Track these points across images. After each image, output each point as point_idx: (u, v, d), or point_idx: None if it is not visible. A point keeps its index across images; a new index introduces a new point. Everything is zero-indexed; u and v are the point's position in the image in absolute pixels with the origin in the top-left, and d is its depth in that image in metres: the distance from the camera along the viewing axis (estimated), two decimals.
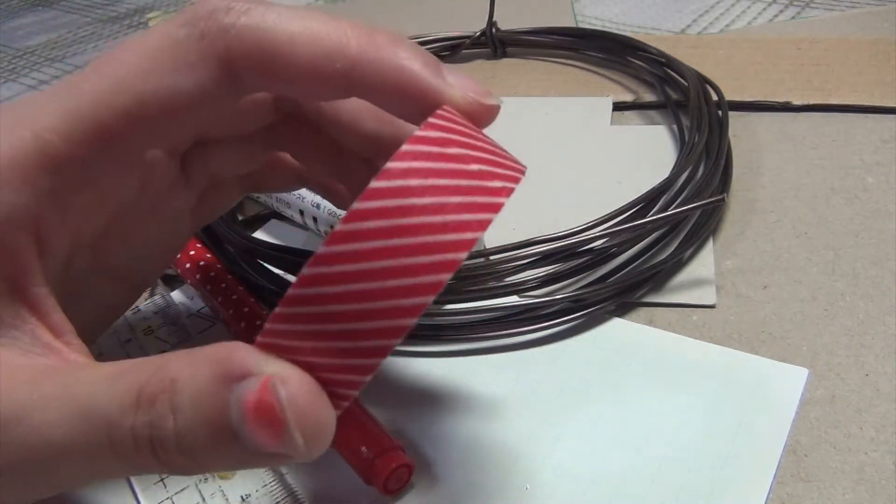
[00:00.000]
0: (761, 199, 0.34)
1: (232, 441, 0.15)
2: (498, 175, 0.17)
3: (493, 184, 0.16)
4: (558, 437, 0.24)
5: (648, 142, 0.39)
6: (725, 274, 0.30)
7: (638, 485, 0.22)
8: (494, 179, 0.16)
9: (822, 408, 0.24)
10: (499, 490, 0.23)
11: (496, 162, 0.17)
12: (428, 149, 0.16)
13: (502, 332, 0.28)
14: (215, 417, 0.15)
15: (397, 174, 0.15)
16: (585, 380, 0.26)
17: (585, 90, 0.44)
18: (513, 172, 0.17)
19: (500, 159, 0.17)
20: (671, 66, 0.41)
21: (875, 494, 0.21)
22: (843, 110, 0.39)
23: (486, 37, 0.48)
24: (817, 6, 0.52)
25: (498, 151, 0.18)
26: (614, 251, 0.29)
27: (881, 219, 0.32)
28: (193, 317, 0.30)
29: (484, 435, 0.24)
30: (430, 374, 0.27)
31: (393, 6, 0.63)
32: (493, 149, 0.18)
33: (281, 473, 0.23)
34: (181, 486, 0.23)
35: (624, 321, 0.28)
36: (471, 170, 0.16)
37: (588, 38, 0.47)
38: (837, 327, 0.27)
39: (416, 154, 0.16)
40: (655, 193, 0.30)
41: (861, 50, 0.44)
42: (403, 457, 0.22)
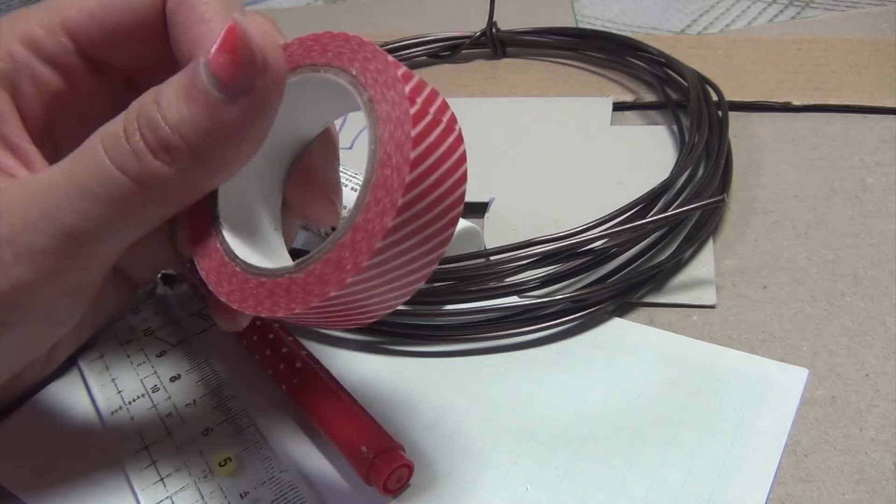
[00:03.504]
0: (761, 199, 0.34)
1: (204, 102, 0.17)
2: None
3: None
4: (559, 438, 0.24)
5: (648, 142, 0.39)
6: (725, 274, 0.30)
7: (638, 485, 0.22)
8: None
9: (822, 408, 0.24)
10: (499, 490, 0.23)
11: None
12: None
13: (502, 332, 0.28)
14: (189, 81, 0.17)
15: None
16: (585, 380, 0.26)
17: (585, 90, 0.44)
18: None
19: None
20: (671, 66, 0.41)
21: (875, 494, 0.21)
22: (843, 110, 0.39)
23: (486, 37, 0.48)
24: (817, 6, 0.52)
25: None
26: (614, 251, 0.29)
27: (881, 219, 0.32)
28: (193, 317, 0.30)
29: (484, 435, 0.24)
30: (430, 374, 0.27)
31: (393, 6, 0.63)
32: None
33: (280, 472, 0.23)
34: (180, 485, 0.23)
35: (624, 321, 0.28)
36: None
37: (588, 38, 0.47)
38: (837, 327, 0.27)
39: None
40: (655, 194, 0.30)
41: (861, 50, 0.44)
42: (403, 457, 0.22)
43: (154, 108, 0.18)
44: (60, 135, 0.23)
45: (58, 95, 0.22)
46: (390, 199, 0.16)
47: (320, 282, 0.17)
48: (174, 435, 0.25)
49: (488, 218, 0.34)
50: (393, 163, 0.16)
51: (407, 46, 0.49)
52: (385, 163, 0.17)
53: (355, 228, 0.17)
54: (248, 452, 0.24)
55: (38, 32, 0.21)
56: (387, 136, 0.17)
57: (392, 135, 0.17)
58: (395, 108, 0.17)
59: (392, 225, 0.16)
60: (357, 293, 0.17)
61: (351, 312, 0.18)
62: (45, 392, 0.27)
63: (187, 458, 0.24)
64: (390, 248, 0.17)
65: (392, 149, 0.16)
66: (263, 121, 0.18)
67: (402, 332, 0.28)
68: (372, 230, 0.16)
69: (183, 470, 0.24)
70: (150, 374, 0.27)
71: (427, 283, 0.27)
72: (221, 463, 0.23)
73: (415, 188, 0.16)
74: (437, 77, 0.48)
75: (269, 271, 0.19)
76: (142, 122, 0.18)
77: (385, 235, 0.16)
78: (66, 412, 0.26)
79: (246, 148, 0.19)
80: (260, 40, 0.17)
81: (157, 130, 0.18)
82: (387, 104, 0.17)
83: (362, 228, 0.17)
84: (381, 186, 0.16)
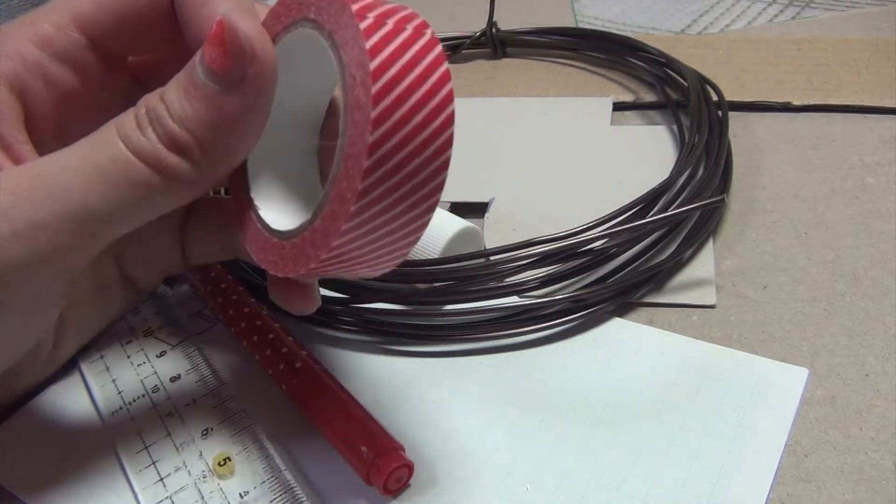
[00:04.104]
0: (761, 199, 0.34)
1: (205, 97, 0.18)
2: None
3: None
4: (559, 438, 0.24)
5: (648, 142, 0.39)
6: (725, 274, 0.30)
7: (638, 485, 0.22)
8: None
9: (822, 408, 0.24)
10: (499, 490, 0.23)
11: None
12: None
13: (503, 332, 0.28)
14: (188, 79, 0.18)
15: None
16: (585, 380, 0.26)
17: (585, 90, 0.44)
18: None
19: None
20: (671, 66, 0.41)
21: (875, 494, 0.21)
22: (843, 110, 0.39)
23: (486, 37, 0.48)
24: (817, 6, 0.52)
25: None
26: (614, 251, 0.29)
27: (881, 219, 0.32)
28: (193, 317, 0.30)
29: (484, 435, 0.24)
30: (430, 374, 0.27)
31: None
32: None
33: (280, 472, 0.23)
34: (180, 485, 0.23)
35: (624, 321, 0.28)
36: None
37: (588, 38, 0.47)
38: (837, 327, 0.27)
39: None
40: (655, 194, 0.30)
41: (861, 50, 0.44)
42: (403, 457, 0.22)
43: (161, 105, 0.19)
44: (72, 135, 0.23)
45: (70, 93, 0.22)
46: (362, 115, 0.16)
47: (312, 245, 0.18)
48: (174, 435, 0.25)
49: (488, 218, 0.34)
50: (357, 82, 0.16)
51: None
52: (351, 85, 0.16)
53: (337, 174, 0.17)
54: (248, 452, 0.24)
55: (49, 30, 0.21)
56: (347, 60, 0.17)
57: (352, 57, 0.16)
58: (350, 31, 0.16)
59: (367, 166, 0.16)
60: (351, 250, 0.18)
61: (356, 265, 0.19)
62: (46, 392, 0.27)
63: (187, 458, 0.24)
64: (373, 189, 0.16)
65: (355, 70, 0.16)
66: (261, 105, 0.19)
67: (402, 332, 0.28)
68: (350, 169, 0.16)
69: (182, 470, 0.24)
70: (151, 374, 0.27)
71: (427, 283, 0.27)
72: (221, 463, 0.23)
73: (384, 98, 0.16)
74: None
75: (288, 233, 0.19)
76: (152, 117, 0.19)
77: (364, 177, 0.16)
78: (67, 412, 0.26)
79: (248, 133, 0.19)
80: (247, 31, 0.18)
81: (165, 126, 0.19)
82: (342, 31, 0.17)
83: (342, 170, 0.17)
84: (354, 107, 0.16)
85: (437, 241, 0.28)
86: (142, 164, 0.19)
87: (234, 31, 0.18)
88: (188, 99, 0.18)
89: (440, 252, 0.28)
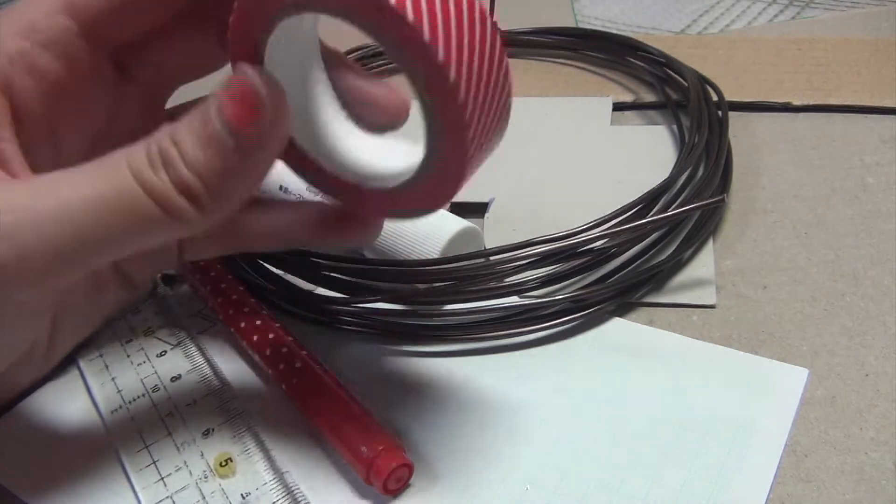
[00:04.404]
0: (761, 199, 0.34)
1: (221, 146, 0.18)
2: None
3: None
4: (558, 438, 0.24)
5: (648, 142, 0.39)
6: (725, 274, 0.30)
7: (638, 485, 0.22)
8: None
9: (822, 408, 0.24)
10: (499, 490, 0.23)
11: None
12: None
13: (503, 332, 0.28)
14: (204, 126, 0.18)
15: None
16: (585, 380, 0.26)
17: (585, 90, 0.44)
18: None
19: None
20: (671, 67, 0.41)
21: (875, 494, 0.21)
22: (843, 110, 0.39)
23: None
24: (817, 6, 0.52)
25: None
26: (614, 251, 0.29)
27: (881, 219, 0.32)
28: (193, 317, 0.30)
29: (484, 435, 0.24)
30: (430, 374, 0.27)
31: None
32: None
33: (281, 472, 0.23)
34: (181, 484, 0.23)
35: (624, 321, 0.28)
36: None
37: (588, 38, 0.47)
38: (837, 327, 0.27)
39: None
40: (655, 194, 0.30)
41: (861, 50, 0.44)
42: (403, 457, 0.22)
43: (173, 148, 0.19)
44: (61, 128, 0.23)
45: (57, 84, 0.22)
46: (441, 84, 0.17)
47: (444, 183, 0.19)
48: (175, 435, 0.25)
49: (488, 218, 0.34)
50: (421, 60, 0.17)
51: None
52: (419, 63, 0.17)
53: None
54: (250, 453, 0.24)
55: (37, 18, 0.21)
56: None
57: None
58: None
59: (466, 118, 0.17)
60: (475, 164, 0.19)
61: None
62: (45, 391, 0.27)
63: (188, 458, 0.24)
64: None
65: (416, 49, 0.17)
66: (273, 156, 0.19)
67: (403, 332, 0.28)
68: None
69: (183, 470, 0.24)
70: (151, 373, 0.27)
71: (427, 283, 0.27)
72: (222, 463, 0.23)
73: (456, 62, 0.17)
74: None
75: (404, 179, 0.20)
76: (164, 158, 0.19)
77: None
78: (66, 411, 0.26)
79: (258, 180, 0.20)
80: (267, 90, 0.18)
81: (178, 170, 0.19)
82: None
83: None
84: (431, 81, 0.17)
85: (437, 241, 0.28)
86: (149, 200, 0.19)
87: (255, 91, 0.18)
88: (202, 148, 0.18)
89: (440, 252, 0.28)
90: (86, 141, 0.23)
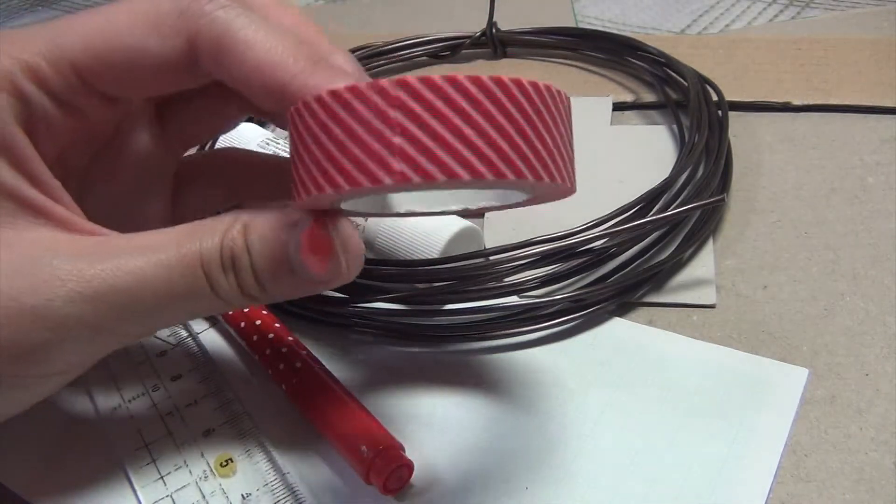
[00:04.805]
0: (761, 199, 0.34)
1: (289, 273, 0.19)
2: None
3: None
4: (558, 437, 0.24)
5: (648, 142, 0.39)
6: (725, 274, 0.30)
7: (638, 485, 0.22)
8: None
9: (822, 408, 0.24)
10: (499, 490, 0.23)
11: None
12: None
13: (502, 332, 0.28)
14: (277, 253, 0.19)
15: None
16: (585, 380, 0.26)
17: (585, 90, 0.44)
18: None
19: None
20: (671, 66, 0.41)
21: (875, 494, 0.21)
22: (843, 110, 0.39)
23: (486, 37, 0.48)
24: (817, 6, 0.52)
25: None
26: (614, 251, 0.29)
27: (881, 219, 0.32)
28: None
29: (484, 435, 0.24)
30: (430, 374, 0.27)
31: (393, 6, 0.63)
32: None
33: (282, 473, 0.23)
34: (181, 483, 0.23)
35: (624, 321, 0.28)
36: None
37: (588, 38, 0.47)
38: (837, 327, 0.27)
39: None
40: (655, 193, 0.30)
41: (861, 50, 0.44)
42: (403, 457, 0.22)
43: (245, 256, 0.19)
44: (72, 163, 0.22)
45: (67, 130, 0.21)
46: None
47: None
48: (175, 434, 0.25)
49: (488, 218, 0.34)
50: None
51: (407, 46, 0.49)
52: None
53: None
54: (251, 454, 0.24)
55: (44, 68, 0.20)
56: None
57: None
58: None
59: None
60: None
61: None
62: None
63: (188, 458, 0.24)
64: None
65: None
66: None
67: (403, 332, 0.28)
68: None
69: (183, 469, 0.24)
70: (151, 372, 0.27)
71: (427, 282, 0.27)
72: (223, 463, 0.23)
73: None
74: None
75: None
76: (236, 266, 0.19)
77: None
78: (66, 409, 0.26)
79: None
80: (344, 244, 0.19)
81: (245, 279, 0.19)
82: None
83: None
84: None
85: (437, 240, 0.28)
86: (213, 294, 0.19)
87: (330, 245, 0.19)
88: (271, 267, 0.19)
89: (440, 252, 0.28)
90: (89, 153, 0.23)
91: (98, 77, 0.20)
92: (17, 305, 0.18)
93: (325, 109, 0.16)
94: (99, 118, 0.21)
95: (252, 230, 0.19)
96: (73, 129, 0.21)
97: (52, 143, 0.20)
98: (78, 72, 0.20)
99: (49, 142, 0.20)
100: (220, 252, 0.19)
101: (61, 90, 0.20)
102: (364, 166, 0.16)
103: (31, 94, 0.19)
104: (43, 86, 0.20)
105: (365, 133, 0.16)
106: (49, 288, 0.18)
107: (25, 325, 0.18)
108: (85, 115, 0.21)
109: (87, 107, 0.21)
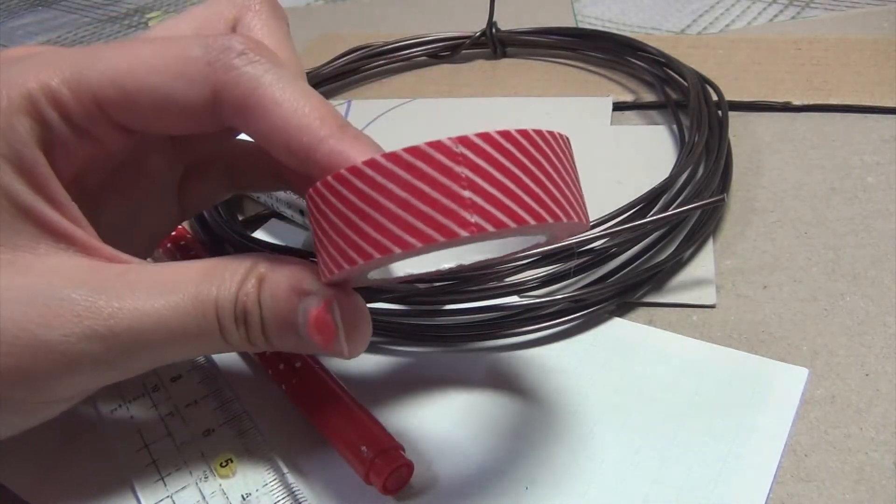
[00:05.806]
0: (761, 199, 0.34)
1: (295, 335, 0.20)
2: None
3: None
4: (559, 437, 0.24)
5: (648, 142, 0.39)
6: (725, 274, 0.30)
7: (638, 485, 0.22)
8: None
9: (822, 408, 0.24)
10: (499, 490, 0.23)
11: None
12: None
13: (503, 332, 0.28)
14: (286, 316, 0.19)
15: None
16: (585, 380, 0.26)
17: (585, 90, 0.44)
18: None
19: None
20: (671, 66, 0.41)
21: (875, 494, 0.21)
22: (843, 110, 0.39)
23: (486, 37, 0.48)
24: (817, 6, 0.53)
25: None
26: (614, 251, 0.29)
27: (881, 219, 0.32)
28: None
29: (484, 435, 0.24)
30: (430, 375, 0.27)
31: (393, 6, 0.63)
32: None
33: (282, 473, 0.23)
34: (181, 484, 0.23)
35: (624, 321, 0.28)
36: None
37: (588, 38, 0.47)
38: (837, 327, 0.27)
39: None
40: (655, 193, 0.30)
41: (861, 50, 0.44)
42: (403, 457, 0.22)
43: (257, 312, 0.19)
44: (86, 184, 0.22)
45: (83, 155, 0.21)
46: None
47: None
48: (175, 434, 0.25)
49: None
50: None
51: (407, 46, 0.49)
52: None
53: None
54: (250, 454, 0.24)
55: (66, 95, 0.19)
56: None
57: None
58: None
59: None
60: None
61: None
62: None
63: (188, 458, 0.24)
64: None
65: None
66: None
67: (403, 332, 0.28)
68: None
69: (183, 469, 0.24)
70: (150, 373, 0.27)
71: (427, 283, 0.27)
72: (223, 464, 0.23)
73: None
74: (437, 77, 0.48)
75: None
76: (248, 321, 0.20)
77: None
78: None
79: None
80: (356, 322, 0.20)
81: (253, 332, 0.20)
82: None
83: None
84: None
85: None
86: (222, 339, 0.20)
87: (333, 328, 0.19)
88: (279, 327, 0.20)
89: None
90: (103, 174, 0.23)
91: (119, 112, 0.20)
92: (29, 336, 0.18)
93: (381, 173, 0.16)
94: (115, 146, 0.21)
95: (266, 287, 0.19)
96: (89, 154, 0.21)
97: (68, 166, 0.20)
98: (99, 103, 0.20)
99: (65, 165, 0.20)
100: (234, 304, 0.19)
101: (80, 119, 0.20)
102: (435, 223, 0.16)
103: (52, 120, 0.19)
104: (63, 112, 0.20)
105: (432, 191, 0.16)
106: (64, 323, 0.18)
107: (36, 356, 0.18)
108: (101, 143, 0.21)
109: (105, 135, 0.21)
